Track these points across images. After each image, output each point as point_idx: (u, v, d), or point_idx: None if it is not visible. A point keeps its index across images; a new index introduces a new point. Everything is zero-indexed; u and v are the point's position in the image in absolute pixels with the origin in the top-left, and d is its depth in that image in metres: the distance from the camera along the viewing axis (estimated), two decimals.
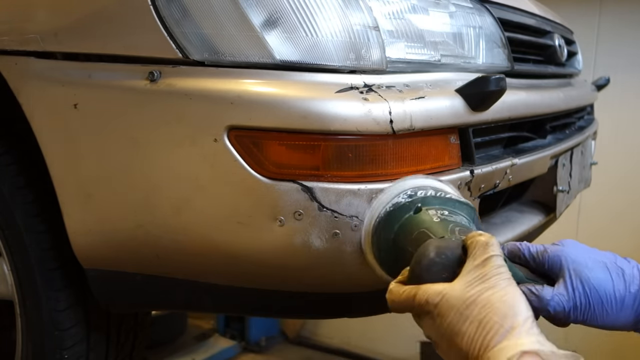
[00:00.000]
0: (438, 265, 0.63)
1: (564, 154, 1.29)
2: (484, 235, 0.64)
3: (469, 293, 0.59)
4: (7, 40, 0.97)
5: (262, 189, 0.80)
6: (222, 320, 2.72)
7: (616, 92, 2.33)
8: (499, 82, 0.87)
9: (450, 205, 0.76)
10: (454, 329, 0.58)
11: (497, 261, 0.61)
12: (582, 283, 0.69)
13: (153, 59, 0.86)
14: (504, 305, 0.57)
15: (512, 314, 0.56)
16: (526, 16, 1.30)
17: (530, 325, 0.56)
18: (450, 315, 0.59)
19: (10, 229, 1.08)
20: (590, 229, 2.54)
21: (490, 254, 0.61)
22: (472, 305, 0.58)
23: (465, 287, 0.60)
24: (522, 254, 0.74)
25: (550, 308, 0.69)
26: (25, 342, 1.13)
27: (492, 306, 0.57)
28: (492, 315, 0.56)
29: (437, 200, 0.76)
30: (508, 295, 0.58)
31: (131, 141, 0.87)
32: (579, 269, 0.70)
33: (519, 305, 0.57)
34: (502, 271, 0.60)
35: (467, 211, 0.77)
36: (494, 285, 0.59)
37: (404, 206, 0.76)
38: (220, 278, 0.92)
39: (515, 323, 0.55)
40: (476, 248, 0.63)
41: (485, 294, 0.58)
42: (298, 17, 0.81)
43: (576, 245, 0.74)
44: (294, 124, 0.78)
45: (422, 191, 0.78)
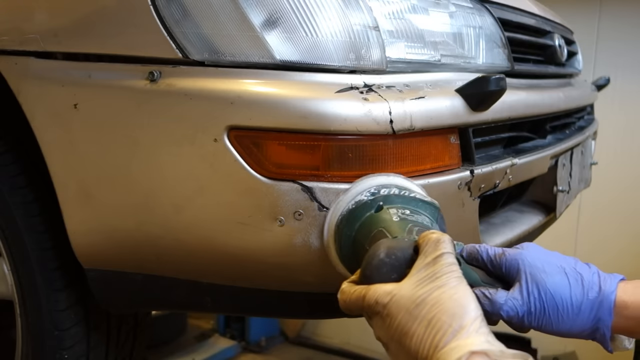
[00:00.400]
0: (387, 265, 0.62)
1: (564, 154, 1.29)
2: (436, 232, 0.63)
3: (419, 292, 0.58)
4: (7, 40, 0.97)
5: (262, 189, 0.80)
6: (222, 320, 2.72)
7: (616, 92, 2.33)
8: (499, 82, 0.86)
9: (412, 205, 0.75)
10: (403, 329, 0.57)
11: (448, 259, 0.60)
12: (538, 288, 0.68)
13: (153, 59, 0.86)
14: (454, 304, 0.56)
15: (461, 313, 0.55)
16: (526, 16, 1.30)
17: (479, 324, 0.55)
18: (399, 315, 0.58)
19: (10, 229, 1.08)
20: (590, 229, 2.55)
21: (442, 251, 0.60)
22: (421, 304, 0.57)
23: (415, 287, 0.59)
24: (480, 257, 0.72)
25: (503, 312, 0.68)
26: (25, 342, 1.13)
27: (442, 305, 0.56)
28: (441, 315, 0.55)
29: (399, 199, 0.75)
30: (458, 294, 0.57)
31: (131, 141, 0.87)
32: (535, 273, 0.68)
33: (468, 304, 0.56)
34: (452, 269, 0.59)
35: (430, 211, 0.75)
36: (444, 284, 0.58)
37: (365, 204, 0.75)
38: (221, 278, 0.92)
39: (464, 322, 0.54)
40: (427, 245, 0.62)
41: (435, 293, 0.57)
42: (298, 17, 0.81)
43: (536, 249, 0.72)
44: (294, 124, 0.78)
45: (386, 189, 0.76)
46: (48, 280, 1.07)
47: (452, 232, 0.90)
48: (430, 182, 0.84)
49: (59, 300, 1.08)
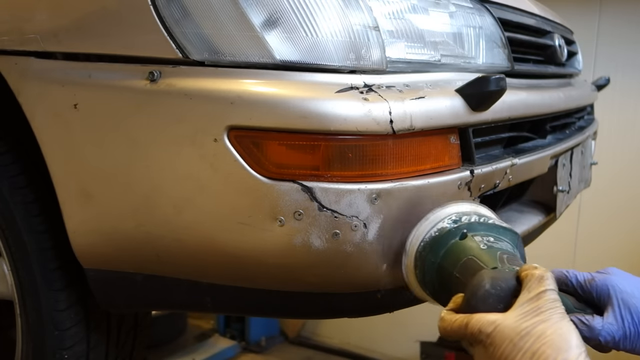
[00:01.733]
0: (493, 296, 0.64)
1: (564, 154, 1.29)
2: (539, 268, 0.65)
3: (523, 325, 0.60)
4: (7, 40, 0.97)
5: (262, 189, 0.80)
6: (222, 320, 2.72)
7: (616, 92, 2.33)
8: (499, 82, 0.86)
9: (494, 232, 0.77)
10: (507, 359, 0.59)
11: (552, 295, 0.62)
12: (631, 312, 0.71)
13: (153, 59, 0.86)
14: (559, 338, 0.58)
15: (565, 347, 0.57)
16: (526, 16, 1.30)
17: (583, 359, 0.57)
18: (503, 345, 0.60)
19: (10, 229, 1.08)
20: (590, 229, 2.55)
21: (545, 287, 0.63)
22: (526, 336, 0.59)
23: (520, 319, 0.61)
24: (570, 282, 0.75)
25: (602, 338, 0.70)
26: (25, 342, 1.13)
27: (547, 339, 0.58)
28: (545, 348, 0.57)
29: (482, 227, 0.77)
30: (562, 329, 0.59)
31: (131, 141, 0.87)
32: (626, 298, 0.72)
33: (572, 339, 0.58)
34: (556, 305, 0.62)
35: (510, 237, 0.78)
36: (548, 318, 0.60)
37: (449, 232, 0.78)
38: (221, 278, 0.92)
39: (568, 356, 0.57)
40: (531, 281, 0.64)
41: (540, 327, 0.59)
42: (298, 17, 0.81)
43: (623, 275, 0.75)
44: (294, 124, 0.78)
45: (467, 217, 0.79)
46: (48, 280, 1.07)
47: None
48: (430, 182, 0.84)
49: (59, 300, 1.08)
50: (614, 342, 0.71)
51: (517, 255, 0.74)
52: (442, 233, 0.78)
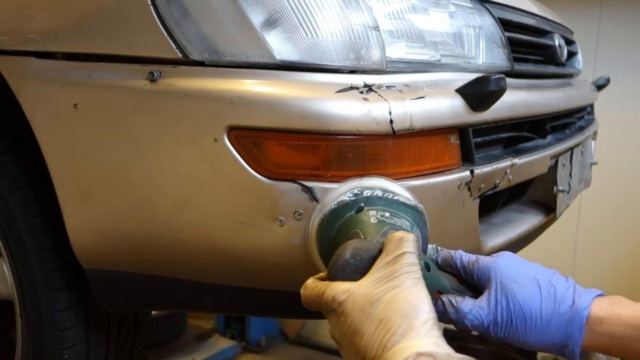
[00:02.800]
0: (352, 266, 0.62)
1: (564, 154, 1.29)
2: (402, 232, 0.62)
3: (375, 291, 0.57)
4: (7, 40, 0.97)
5: (262, 189, 0.80)
6: (222, 320, 2.72)
7: (616, 92, 2.33)
8: (499, 82, 0.86)
9: (394, 208, 0.74)
10: (355, 327, 0.56)
11: (409, 259, 0.59)
12: (507, 297, 0.66)
13: (153, 59, 0.86)
14: (407, 305, 0.55)
15: (413, 314, 0.54)
16: (526, 16, 1.30)
17: (430, 326, 0.54)
18: (353, 313, 0.57)
19: (10, 229, 1.08)
20: (590, 229, 2.55)
21: (403, 250, 0.60)
22: (375, 303, 0.56)
23: (372, 285, 0.58)
24: (454, 263, 0.72)
25: (467, 322, 0.66)
26: (25, 342, 1.13)
27: (395, 305, 0.55)
28: (393, 315, 0.54)
29: (381, 201, 0.75)
30: (412, 295, 0.56)
31: (131, 141, 0.87)
32: (506, 282, 0.67)
33: (421, 305, 0.55)
34: (411, 269, 0.58)
35: (411, 214, 0.75)
36: (401, 283, 0.57)
37: (347, 205, 0.75)
38: (221, 278, 0.92)
39: (414, 323, 0.54)
40: (390, 244, 0.61)
41: (391, 293, 0.56)
42: (298, 17, 0.81)
43: (512, 259, 0.71)
44: (294, 124, 0.78)
45: (369, 191, 0.76)
46: (48, 280, 1.07)
47: (452, 232, 0.91)
48: (430, 182, 0.84)
49: (59, 300, 1.08)
50: (482, 327, 0.66)
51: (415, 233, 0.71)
52: (340, 206, 0.76)
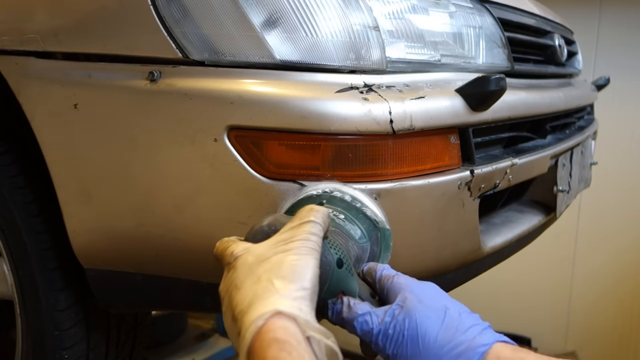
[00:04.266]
0: (263, 233, 0.63)
1: (564, 154, 1.29)
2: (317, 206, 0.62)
3: (268, 252, 0.57)
4: (7, 40, 0.97)
5: (262, 188, 0.80)
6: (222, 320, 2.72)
7: (616, 92, 2.33)
8: (499, 82, 0.86)
9: (352, 214, 0.74)
10: (237, 282, 0.56)
11: (312, 228, 0.58)
12: (405, 313, 0.63)
13: (153, 59, 0.86)
14: (289, 269, 0.54)
15: (290, 278, 0.54)
16: (526, 16, 1.30)
17: (302, 295, 0.53)
18: (241, 268, 0.57)
19: (10, 229, 1.08)
20: (590, 229, 2.55)
21: (309, 219, 0.59)
22: (263, 262, 0.56)
23: (269, 247, 0.58)
24: (374, 274, 0.70)
25: (357, 324, 0.64)
26: (25, 342, 1.13)
27: (279, 267, 0.55)
28: (271, 275, 0.54)
29: (343, 204, 0.75)
30: (300, 261, 0.55)
31: (131, 141, 0.87)
32: (411, 300, 0.64)
33: (303, 274, 0.54)
34: (310, 238, 0.58)
35: (367, 226, 0.74)
36: (294, 248, 0.56)
37: (310, 197, 0.76)
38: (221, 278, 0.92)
39: (288, 287, 0.53)
40: (299, 212, 0.61)
41: (280, 255, 0.56)
42: (298, 17, 0.81)
43: (431, 287, 0.68)
44: (294, 124, 0.78)
45: (339, 193, 0.77)
46: (48, 280, 1.07)
47: (452, 232, 0.91)
48: (430, 182, 0.84)
49: (59, 300, 1.08)
50: (371, 334, 0.64)
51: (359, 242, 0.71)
52: (305, 197, 0.77)
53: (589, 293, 2.58)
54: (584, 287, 2.59)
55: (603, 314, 2.55)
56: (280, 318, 0.50)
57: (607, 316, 2.54)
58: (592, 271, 2.57)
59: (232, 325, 0.55)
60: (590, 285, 2.58)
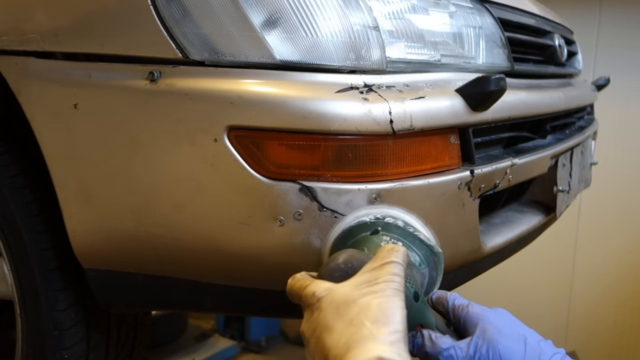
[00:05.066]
0: (341, 271, 0.62)
1: (564, 154, 1.29)
2: (395, 245, 0.62)
3: (354, 293, 0.57)
4: (7, 40, 0.97)
5: (262, 189, 0.80)
6: (222, 320, 2.72)
7: (616, 92, 2.33)
8: (499, 82, 0.86)
9: (409, 240, 0.74)
10: (326, 324, 0.56)
11: (394, 269, 0.59)
12: (488, 345, 0.65)
13: (153, 59, 0.86)
14: (380, 312, 0.55)
15: (383, 322, 0.54)
16: (526, 16, 1.30)
17: (397, 338, 0.53)
18: (327, 310, 0.57)
19: (10, 229, 1.08)
20: (590, 229, 2.55)
21: (390, 259, 0.60)
22: (351, 304, 0.56)
23: (353, 288, 0.58)
24: (446, 303, 0.71)
25: (442, 358, 0.65)
26: (25, 342, 1.13)
27: (369, 309, 0.55)
28: (363, 318, 0.54)
29: (398, 230, 0.75)
30: (388, 303, 0.56)
31: (131, 141, 0.87)
32: (491, 331, 0.66)
33: (394, 315, 0.55)
34: (394, 279, 0.58)
35: (424, 252, 0.74)
36: (380, 290, 0.57)
37: (365, 225, 0.76)
38: (221, 278, 0.92)
39: (382, 331, 0.53)
40: (380, 252, 0.61)
41: (367, 297, 0.56)
42: (298, 17, 0.81)
43: (505, 314, 0.70)
44: (294, 124, 0.78)
45: (391, 219, 0.77)
46: (48, 280, 1.07)
47: (452, 232, 0.91)
48: (430, 182, 0.84)
49: (59, 300, 1.08)
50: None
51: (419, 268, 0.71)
52: (358, 225, 0.77)
53: (589, 292, 2.58)
54: (584, 286, 2.59)
55: (603, 313, 2.55)
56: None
57: (607, 315, 2.54)
58: (592, 270, 2.57)
59: None
60: (590, 284, 2.58)
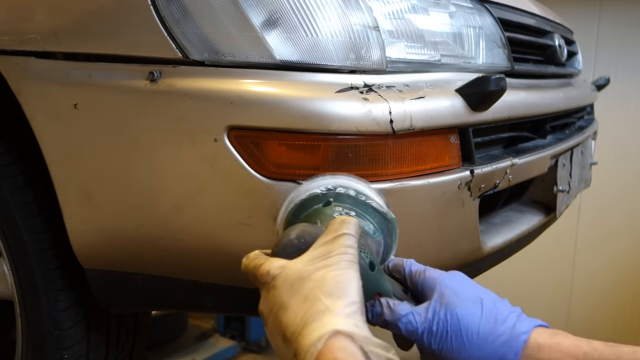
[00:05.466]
0: (294, 247, 0.62)
1: (564, 154, 1.29)
2: (347, 217, 0.62)
3: (307, 268, 0.57)
4: (7, 40, 0.97)
5: (262, 189, 0.80)
6: (222, 320, 2.72)
7: (616, 92, 2.33)
8: (499, 82, 0.86)
9: (361, 209, 0.74)
10: (282, 302, 0.56)
11: (347, 241, 0.59)
12: (446, 309, 0.65)
13: (153, 59, 0.86)
14: (335, 284, 0.55)
15: (339, 294, 0.54)
16: (526, 16, 1.30)
17: (353, 309, 0.53)
18: (282, 288, 0.57)
19: (10, 229, 1.08)
20: (590, 229, 2.55)
21: (342, 231, 0.60)
22: (305, 280, 0.56)
23: (306, 263, 0.58)
24: (403, 270, 0.71)
25: (402, 324, 0.66)
26: (25, 342, 1.13)
27: (323, 284, 0.55)
28: (318, 292, 0.54)
29: (350, 200, 0.74)
30: (343, 275, 0.56)
31: (131, 141, 0.87)
32: (448, 295, 0.66)
33: (349, 287, 0.55)
34: (347, 251, 0.58)
35: (378, 220, 0.74)
36: (334, 263, 0.57)
37: (317, 197, 0.75)
38: (221, 278, 0.92)
39: (338, 304, 0.53)
40: (331, 225, 0.61)
41: (321, 271, 0.56)
42: (298, 17, 0.81)
43: (461, 277, 0.70)
44: (294, 124, 0.78)
45: (343, 189, 0.75)
46: (48, 280, 1.07)
47: (452, 232, 0.91)
48: (430, 182, 0.84)
49: (59, 300, 1.08)
50: (416, 333, 0.65)
51: (374, 236, 0.71)
52: (310, 197, 0.75)
53: (589, 296, 2.57)
54: (583, 288, 2.59)
55: (603, 316, 2.54)
56: (339, 338, 0.50)
57: (607, 317, 2.54)
58: (592, 272, 2.57)
59: (284, 347, 0.55)
60: (590, 286, 2.58)
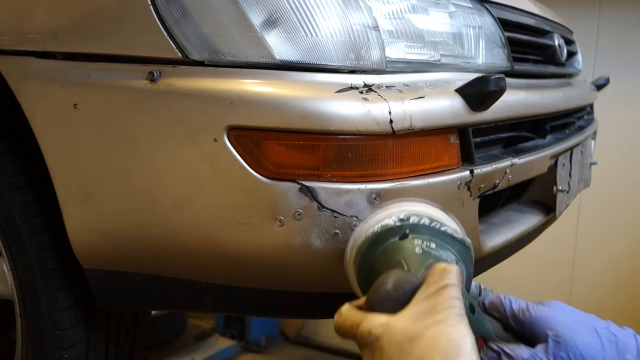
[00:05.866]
0: (393, 299, 0.59)
1: (564, 154, 1.29)
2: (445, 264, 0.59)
3: (415, 327, 0.54)
4: (7, 40, 0.97)
5: (262, 189, 0.80)
6: (222, 320, 2.72)
7: (616, 92, 2.33)
8: (499, 82, 0.86)
9: (440, 239, 0.71)
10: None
11: (452, 292, 0.56)
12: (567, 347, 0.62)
13: (153, 59, 0.86)
14: (449, 343, 0.52)
15: (455, 354, 0.51)
16: (526, 16, 1.30)
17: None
18: (390, 350, 0.54)
19: (10, 229, 1.08)
20: (590, 229, 2.55)
21: (446, 282, 0.56)
22: (415, 340, 0.53)
23: (412, 320, 0.54)
24: (503, 309, 0.69)
25: None
26: (25, 342, 1.13)
27: (437, 343, 0.52)
28: (433, 354, 0.51)
29: (427, 230, 0.71)
30: (456, 334, 0.53)
31: (131, 141, 0.87)
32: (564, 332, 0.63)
33: (464, 345, 0.52)
34: (455, 305, 0.55)
35: (458, 248, 0.71)
36: (444, 320, 0.53)
37: (391, 230, 0.72)
38: (221, 278, 0.92)
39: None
40: (432, 276, 0.58)
41: (432, 330, 0.53)
42: (298, 17, 0.81)
43: (564, 308, 0.68)
44: (294, 124, 0.78)
45: (416, 218, 0.73)
46: (48, 280, 1.07)
47: None
48: (430, 182, 0.84)
49: (59, 300, 1.08)
50: None
51: None
52: (384, 230, 0.72)
53: (589, 298, 2.57)
54: (583, 289, 2.59)
55: (603, 316, 2.52)
56: None
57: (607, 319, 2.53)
58: (592, 274, 2.57)
59: None
60: (590, 288, 2.58)
